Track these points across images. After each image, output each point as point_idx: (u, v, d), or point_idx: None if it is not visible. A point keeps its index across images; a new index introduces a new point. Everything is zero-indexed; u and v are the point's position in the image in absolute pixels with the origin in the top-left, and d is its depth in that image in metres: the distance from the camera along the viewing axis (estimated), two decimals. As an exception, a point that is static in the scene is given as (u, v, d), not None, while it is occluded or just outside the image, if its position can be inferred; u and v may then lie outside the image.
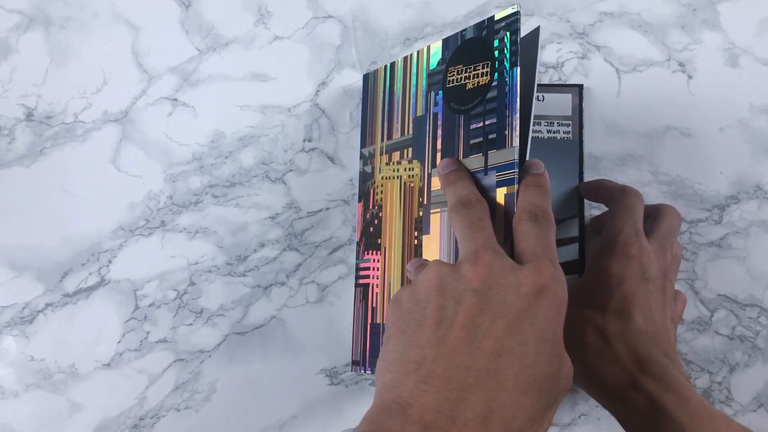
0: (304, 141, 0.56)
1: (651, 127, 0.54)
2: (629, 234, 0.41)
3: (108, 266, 0.54)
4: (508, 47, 0.40)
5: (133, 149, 0.56)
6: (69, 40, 0.58)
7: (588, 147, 0.53)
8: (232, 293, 0.53)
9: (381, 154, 0.50)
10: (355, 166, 0.55)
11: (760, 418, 0.50)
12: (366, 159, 0.51)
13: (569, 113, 0.52)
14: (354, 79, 0.57)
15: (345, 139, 0.56)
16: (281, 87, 0.57)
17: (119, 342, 0.53)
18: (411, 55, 0.48)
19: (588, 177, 0.53)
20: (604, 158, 0.54)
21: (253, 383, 0.52)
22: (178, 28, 0.58)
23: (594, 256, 0.43)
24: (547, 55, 0.56)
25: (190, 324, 0.53)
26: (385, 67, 0.50)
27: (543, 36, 0.56)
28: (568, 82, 0.55)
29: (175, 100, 0.57)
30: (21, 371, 0.53)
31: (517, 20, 0.40)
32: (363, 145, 0.52)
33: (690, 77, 0.55)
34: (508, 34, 0.40)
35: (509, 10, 0.40)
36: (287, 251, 0.54)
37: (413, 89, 0.47)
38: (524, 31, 0.40)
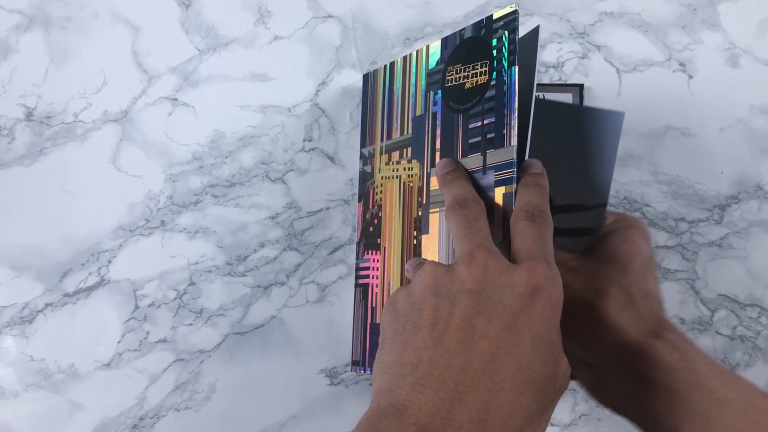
0: (304, 141, 0.56)
1: (651, 127, 0.54)
2: (640, 222, 0.42)
3: (108, 266, 0.54)
4: (507, 46, 0.40)
5: (133, 149, 0.56)
6: (69, 40, 0.58)
7: (588, 147, 0.53)
8: (232, 293, 0.53)
9: (381, 153, 0.50)
10: (355, 166, 0.55)
11: (761, 418, 0.49)
12: (366, 159, 0.51)
13: None
14: (354, 79, 0.57)
15: (345, 139, 0.56)
16: (281, 87, 0.57)
17: (119, 342, 0.53)
18: (410, 54, 0.48)
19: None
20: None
21: (253, 383, 0.52)
22: (178, 28, 0.58)
23: (611, 228, 0.43)
24: (547, 54, 0.56)
25: (190, 324, 0.53)
26: (385, 66, 0.50)
27: (543, 36, 0.56)
28: (568, 82, 0.55)
29: (175, 100, 0.57)
30: (21, 371, 0.52)
31: (515, 19, 0.40)
32: (363, 144, 0.52)
33: (690, 77, 0.55)
34: (506, 33, 0.40)
35: (507, 9, 0.40)
36: (287, 251, 0.54)
37: (412, 89, 0.47)
38: (524, 30, 0.40)
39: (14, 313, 0.53)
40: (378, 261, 0.48)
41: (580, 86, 0.53)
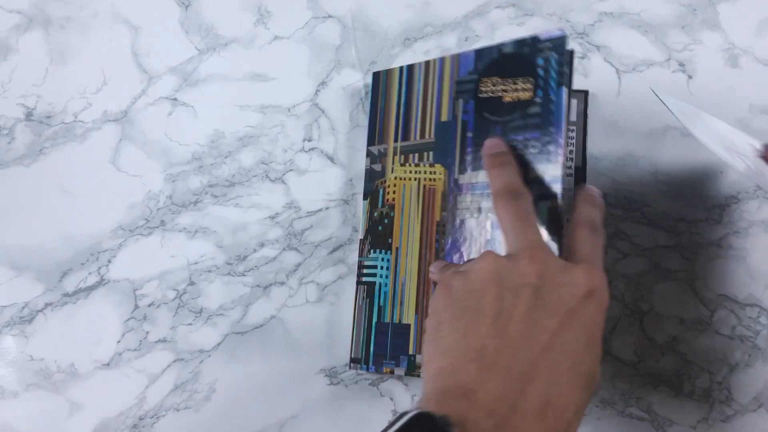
0: (303, 141, 0.56)
1: (651, 127, 0.54)
2: None
3: (107, 266, 0.54)
4: (555, 68, 0.42)
5: (133, 149, 0.56)
6: (69, 40, 0.58)
7: (588, 147, 0.53)
8: (231, 293, 0.53)
9: (395, 154, 0.50)
10: (355, 165, 0.55)
11: (760, 418, 0.49)
12: (375, 157, 0.51)
13: (574, 118, 0.52)
14: (354, 79, 0.57)
15: (345, 139, 0.56)
16: (281, 87, 0.57)
17: (119, 342, 0.53)
18: (434, 60, 0.49)
19: (590, 178, 0.53)
20: (604, 158, 0.54)
21: (253, 383, 0.52)
22: (178, 28, 0.58)
23: None
24: (547, 55, 0.56)
25: (190, 324, 0.53)
26: (401, 68, 0.51)
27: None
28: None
29: (175, 100, 0.57)
30: (21, 371, 0.53)
31: (564, 43, 0.41)
32: (371, 142, 0.52)
33: (690, 77, 0.55)
34: (554, 54, 0.42)
35: (556, 33, 0.42)
36: (287, 251, 0.54)
37: (436, 94, 0.48)
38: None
39: (14, 313, 0.53)
40: (388, 261, 0.48)
41: (585, 92, 0.52)
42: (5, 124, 0.56)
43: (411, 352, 0.47)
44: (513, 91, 0.44)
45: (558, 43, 0.42)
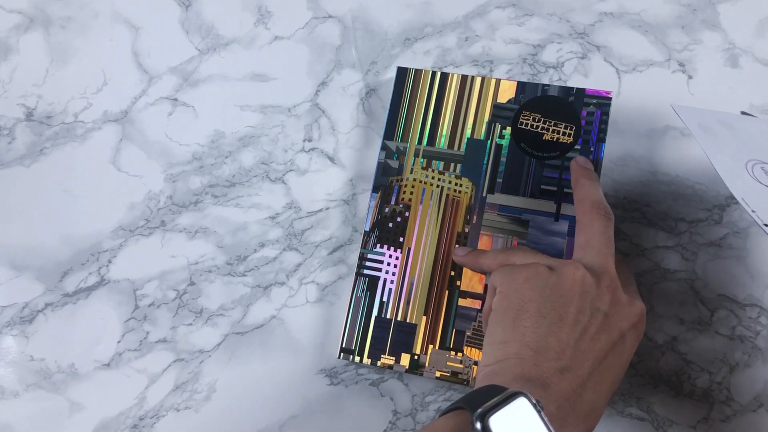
0: (304, 141, 0.56)
1: (651, 127, 0.54)
2: None
3: (108, 266, 0.54)
4: (599, 124, 0.48)
5: (133, 149, 0.56)
6: (69, 40, 0.58)
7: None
8: (232, 293, 0.53)
9: (416, 155, 0.51)
10: (355, 165, 0.55)
11: (760, 418, 0.50)
12: (391, 152, 0.51)
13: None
14: (354, 79, 0.57)
15: (345, 139, 0.56)
16: (281, 87, 0.57)
17: (119, 342, 0.53)
18: (473, 77, 0.51)
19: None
20: (604, 158, 0.54)
21: (253, 383, 0.52)
22: (178, 28, 0.58)
23: None
24: (547, 55, 0.56)
25: (190, 324, 0.53)
26: (433, 73, 0.52)
27: (543, 36, 0.56)
28: (567, 83, 0.55)
29: (175, 100, 0.57)
30: (21, 371, 0.53)
31: (609, 104, 0.48)
32: (388, 137, 0.52)
33: (690, 77, 0.55)
34: (599, 113, 0.48)
35: (603, 93, 0.49)
36: (287, 251, 0.54)
37: (473, 111, 0.51)
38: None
39: (14, 313, 0.53)
40: (397, 259, 0.49)
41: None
42: (6, 124, 0.56)
43: (417, 351, 0.47)
44: (554, 131, 0.48)
45: (604, 102, 0.48)
